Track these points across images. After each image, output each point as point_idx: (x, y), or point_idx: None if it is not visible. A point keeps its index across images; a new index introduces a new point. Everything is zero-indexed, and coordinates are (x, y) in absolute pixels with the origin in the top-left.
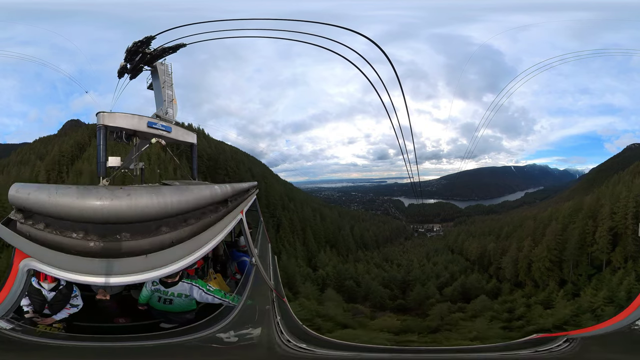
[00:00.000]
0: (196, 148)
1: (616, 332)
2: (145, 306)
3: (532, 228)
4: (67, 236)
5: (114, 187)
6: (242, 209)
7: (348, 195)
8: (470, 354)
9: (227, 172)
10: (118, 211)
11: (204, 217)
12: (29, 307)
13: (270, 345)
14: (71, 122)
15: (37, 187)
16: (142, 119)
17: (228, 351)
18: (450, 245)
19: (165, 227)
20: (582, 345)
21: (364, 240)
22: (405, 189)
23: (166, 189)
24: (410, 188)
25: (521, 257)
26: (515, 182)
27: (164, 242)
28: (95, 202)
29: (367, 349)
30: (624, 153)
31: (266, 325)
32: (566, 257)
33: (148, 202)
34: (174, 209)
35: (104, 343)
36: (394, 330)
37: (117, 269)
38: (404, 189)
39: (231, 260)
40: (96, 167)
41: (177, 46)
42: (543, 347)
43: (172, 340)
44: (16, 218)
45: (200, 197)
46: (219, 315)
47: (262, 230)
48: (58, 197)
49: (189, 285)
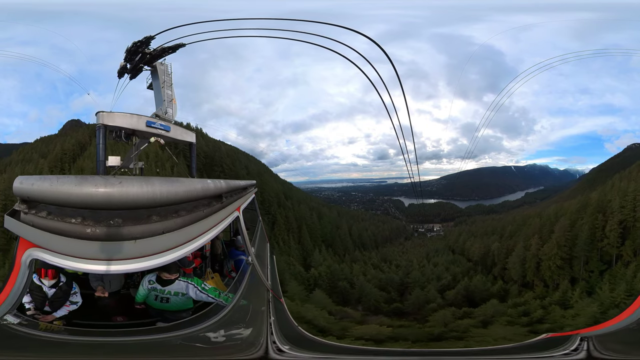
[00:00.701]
0: (195, 147)
1: (626, 328)
2: (142, 305)
3: (538, 225)
4: (67, 222)
5: (109, 176)
6: (239, 206)
7: (348, 195)
8: (478, 356)
9: (222, 169)
10: (110, 197)
11: (196, 210)
12: (30, 304)
13: (255, 346)
14: (72, 122)
15: (39, 177)
16: (141, 118)
17: (213, 351)
18: (451, 245)
19: (156, 216)
20: (598, 343)
21: (362, 240)
22: (405, 189)
23: (156, 180)
24: (411, 188)
25: (529, 256)
26: (515, 182)
27: (154, 230)
28: (91, 189)
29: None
30: (624, 153)
31: (258, 325)
32: (577, 253)
33: (138, 191)
34: (163, 199)
35: (94, 338)
36: (380, 338)
37: (109, 252)
38: (404, 189)
39: (228, 258)
40: (96, 166)
41: (176, 46)
42: (557, 349)
43: (156, 336)
44: (20, 209)
45: (191, 189)
46: (209, 313)
47: (261, 229)
48: (59, 186)
49: (185, 283)
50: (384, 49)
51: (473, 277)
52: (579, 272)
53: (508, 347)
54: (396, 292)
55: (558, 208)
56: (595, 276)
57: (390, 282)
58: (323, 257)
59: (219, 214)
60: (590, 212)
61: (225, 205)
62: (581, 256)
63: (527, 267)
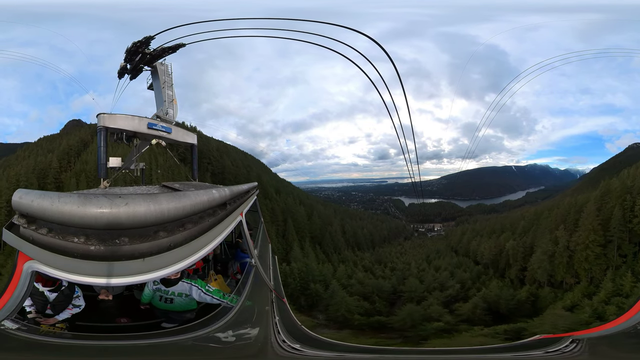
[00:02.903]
0: (196, 148)
1: (621, 333)
2: (147, 305)
3: (561, 215)
4: (69, 241)
5: (113, 194)
6: (242, 211)
7: (348, 195)
8: (477, 355)
9: (209, 160)
10: (117, 219)
11: (202, 221)
12: (31, 308)
13: (267, 346)
14: (73, 122)
15: (40, 194)
16: (142, 120)
17: (226, 350)
18: (454, 246)
19: (163, 232)
20: (590, 346)
21: (357, 239)
22: (405, 189)
23: (163, 196)
24: (411, 188)
25: (559, 250)
26: (516, 182)
27: (161, 245)
28: (95, 210)
29: (368, 350)
30: (626, 152)
31: (264, 325)
32: (611, 236)
33: (145, 210)
34: (171, 216)
35: (103, 342)
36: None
37: (117, 271)
38: (405, 189)
39: (234, 260)
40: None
41: (176, 46)
42: (553, 347)
43: (168, 339)
44: (19, 223)
45: (198, 202)
46: (217, 315)
47: (263, 230)
48: (60, 205)
49: (189, 285)
50: (385, 48)
51: (487, 283)
52: (613, 259)
53: (501, 347)
54: (384, 302)
55: (573, 200)
56: (629, 260)
57: (378, 289)
58: (305, 254)
59: (223, 222)
60: (617, 194)
61: (229, 212)
62: (615, 239)
63: (558, 263)
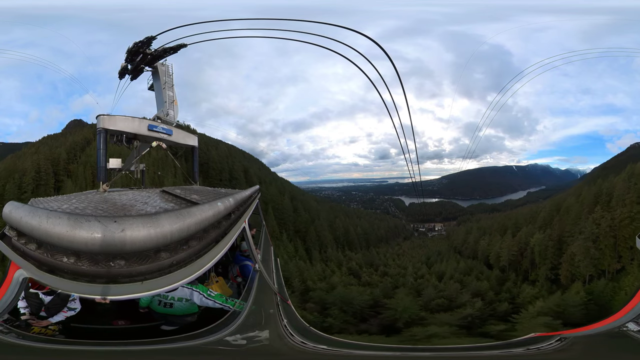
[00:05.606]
0: (197, 150)
1: (606, 333)
2: (146, 309)
3: (592, 196)
4: (59, 260)
5: (107, 219)
6: (245, 217)
7: (348, 195)
8: (470, 352)
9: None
10: (110, 245)
11: (207, 236)
12: (25, 310)
13: (283, 347)
14: (74, 122)
15: (29, 211)
16: (142, 122)
17: (238, 353)
18: (457, 246)
19: (165, 252)
20: (571, 344)
21: (349, 238)
22: (406, 189)
23: (165, 218)
24: (412, 187)
25: (602, 232)
26: (517, 181)
27: (162, 266)
28: (85, 234)
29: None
30: (628, 152)
31: (273, 328)
32: None
33: (145, 236)
34: (174, 238)
35: (102, 347)
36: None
37: (113, 293)
38: (405, 189)
39: (233, 263)
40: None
41: (178, 46)
42: (535, 345)
43: (174, 345)
44: (11, 235)
45: (203, 219)
46: (226, 321)
47: (265, 233)
48: (48, 226)
49: (190, 290)
50: (385, 48)
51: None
52: None
53: (496, 344)
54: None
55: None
56: None
57: (347, 302)
58: (284, 246)
59: (228, 234)
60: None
61: (234, 222)
62: None
63: (604, 246)
